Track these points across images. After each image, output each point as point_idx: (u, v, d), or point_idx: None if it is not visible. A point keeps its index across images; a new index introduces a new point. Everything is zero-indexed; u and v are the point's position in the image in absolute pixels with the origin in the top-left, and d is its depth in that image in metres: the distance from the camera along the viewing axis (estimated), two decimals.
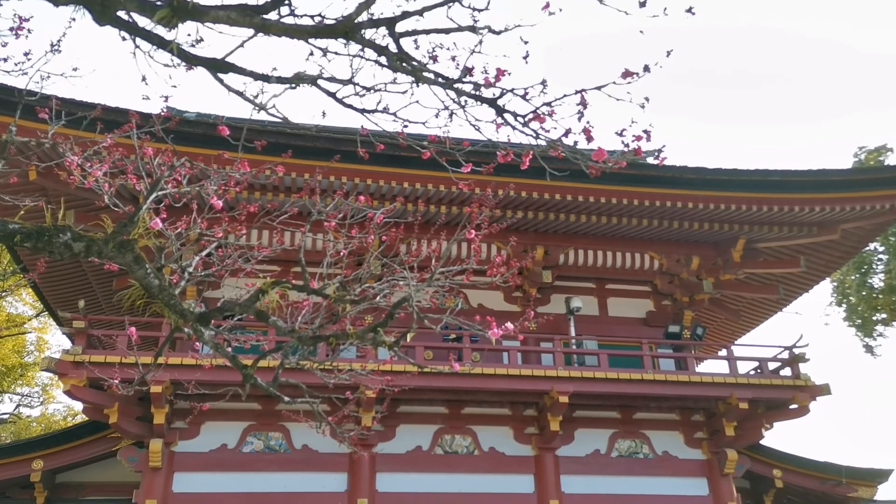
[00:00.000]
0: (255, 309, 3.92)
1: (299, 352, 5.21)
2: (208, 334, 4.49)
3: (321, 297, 4.35)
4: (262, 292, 3.85)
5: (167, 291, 3.76)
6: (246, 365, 4.52)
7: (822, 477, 15.29)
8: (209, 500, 11.92)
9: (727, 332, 17.67)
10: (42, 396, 23.62)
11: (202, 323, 4.03)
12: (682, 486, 13.47)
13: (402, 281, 4.35)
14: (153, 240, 3.94)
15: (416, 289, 3.94)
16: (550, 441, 13.14)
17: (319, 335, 4.03)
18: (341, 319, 4.34)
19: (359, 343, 4.12)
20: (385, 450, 12.77)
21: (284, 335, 4.11)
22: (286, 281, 4.00)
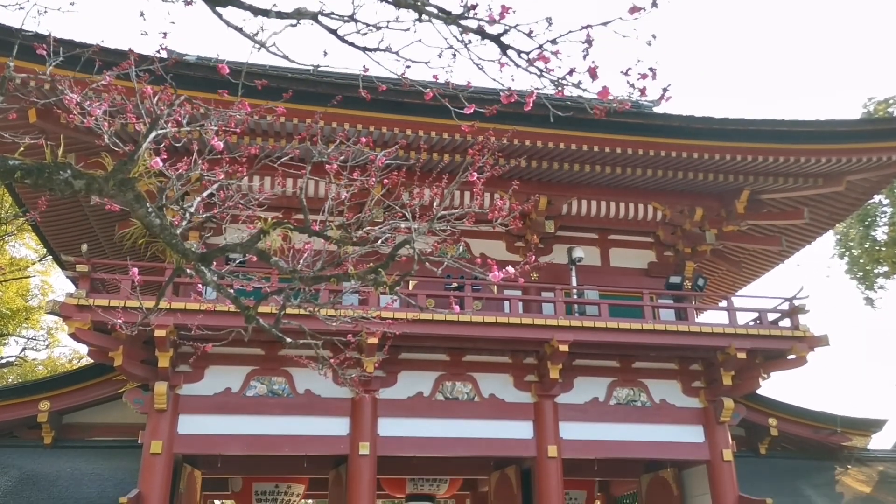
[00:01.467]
0: (257, 249, 3.92)
1: (301, 295, 5.23)
2: (210, 275, 4.50)
3: (323, 240, 4.35)
4: (263, 233, 3.84)
5: (169, 231, 3.75)
6: (248, 306, 4.54)
7: (817, 426, 15.53)
8: (214, 441, 12.15)
9: (728, 283, 17.71)
10: (47, 339, 23.90)
11: (204, 263, 4.03)
12: (678, 433, 13.69)
13: (403, 224, 4.34)
14: (153, 179, 3.91)
15: (418, 231, 3.92)
16: (550, 388, 13.30)
17: (321, 275, 4.03)
18: (343, 262, 4.34)
19: (360, 283, 4.13)
20: (386, 395, 12.94)
21: (286, 276, 4.12)
22: (287, 222, 3.99)
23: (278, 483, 16.15)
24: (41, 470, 12.39)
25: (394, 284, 3.94)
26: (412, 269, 3.95)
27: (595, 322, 13.03)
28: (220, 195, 4.61)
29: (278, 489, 16.19)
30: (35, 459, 12.72)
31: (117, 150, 4.34)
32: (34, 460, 12.69)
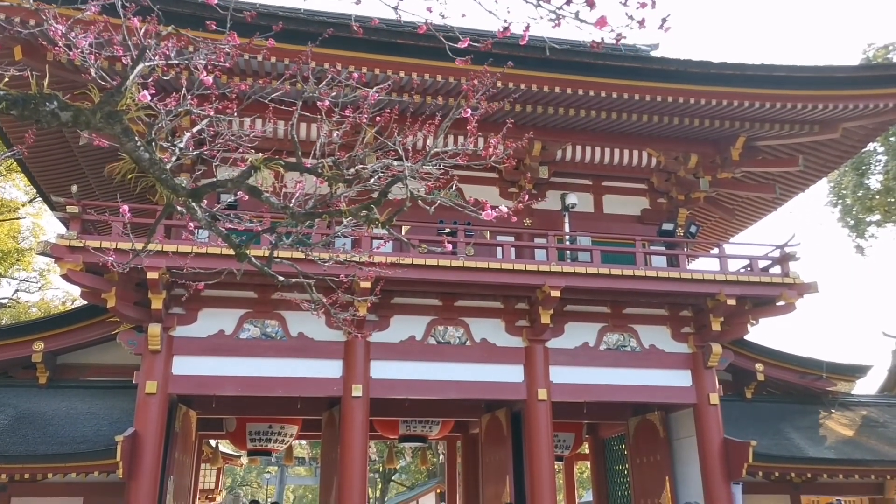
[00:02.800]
0: (248, 185, 3.88)
1: (293, 236, 5.21)
2: (202, 213, 4.46)
3: (315, 181, 4.30)
4: (254, 168, 3.80)
5: (158, 165, 3.70)
6: (240, 244, 4.52)
7: (803, 371, 15.80)
8: (208, 382, 12.27)
9: (720, 230, 17.76)
10: (40, 282, 23.89)
11: (195, 199, 3.99)
12: (666, 378, 13.90)
13: (395, 163, 4.29)
14: (141, 112, 3.83)
15: (410, 169, 3.88)
16: (541, 333, 13.43)
17: (312, 212, 4.00)
18: (335, 200, 4.31)
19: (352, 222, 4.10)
20: (379, 339, 13.05)
21: (278, 212, 4.09)
22: (278, 158, 3.94)
23: (272, 424, 16.42)
24: (37, 409, 12.53)
25: (386, 221, 3.92)
26: (404, 206, 3.92)
27: (587, 268, 13.08)
28: (209, 132, 4.53)
29: (272, 429, 16.46)
30: (30, 399, 12.84)
31: (105, 85, 4.26)
32: (29, 399, 12.81)
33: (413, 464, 38.52)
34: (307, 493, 43.40)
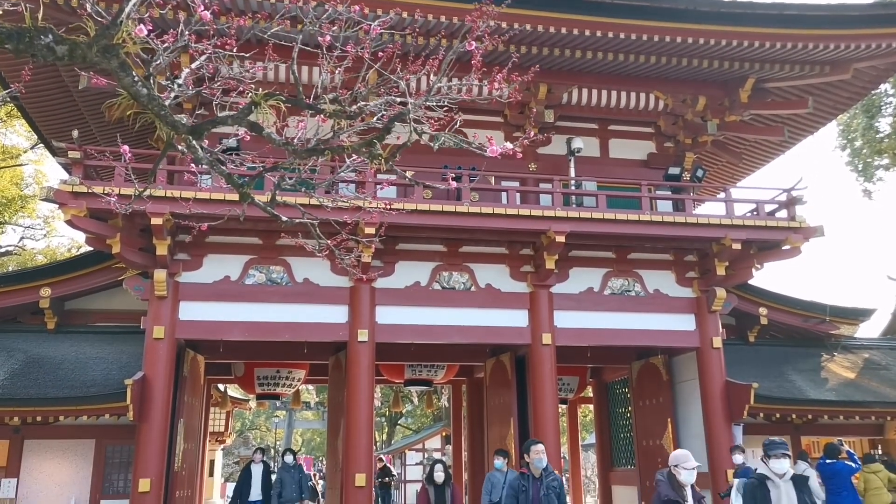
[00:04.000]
0: (249, 121, 3.81)
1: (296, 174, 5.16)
2: (203, 152, 4.41)
3: (316, 115, 4.23)
4: (254, 104, 3.73)
5: (157, 101, 3.63)
6: (243, 183, 4.47)
7: (807, 315, 15.86)
8: (214, 327, 12.38)
9: (727, 174, 17.60)
10: (45, 229, 23.96)
11: (195, 136, 3.93)
12: (670, 322, 13.96)
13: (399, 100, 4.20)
14: (138, 47, 3.74)
15: (414, 105, 3.81)
16: (545, 279, 13.45)
17: (315, 148, 3.94)
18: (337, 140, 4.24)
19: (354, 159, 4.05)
20: (384, 285, 13.09)
21: (280, 148, 4.03)
22: (279, 94, 3.86)
23: (279, 368, 16.62)
24: (46, 353, 12.68)
25: (389, 157, 3.87)
26: (407, 142, 3.86)
27: (592, 213, 13.03)
28: (209, 69, 4.43)
29: (279, 374, 16.67)
30: (39, 344, 12.99)
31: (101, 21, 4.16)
32: (39, 344, 12.96)
33: (419, 408, 39.16)
34: (315, 436, 44.29)
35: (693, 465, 5.65)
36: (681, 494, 5.52)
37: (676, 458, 5.76)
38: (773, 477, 5.95)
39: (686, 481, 5.56)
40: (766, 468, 6.04)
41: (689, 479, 5.59)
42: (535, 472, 6.99)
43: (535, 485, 6.87)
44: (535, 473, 6.99)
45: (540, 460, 6.97)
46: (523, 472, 7.06)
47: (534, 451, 7.02)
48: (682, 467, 5.59)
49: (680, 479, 5.56)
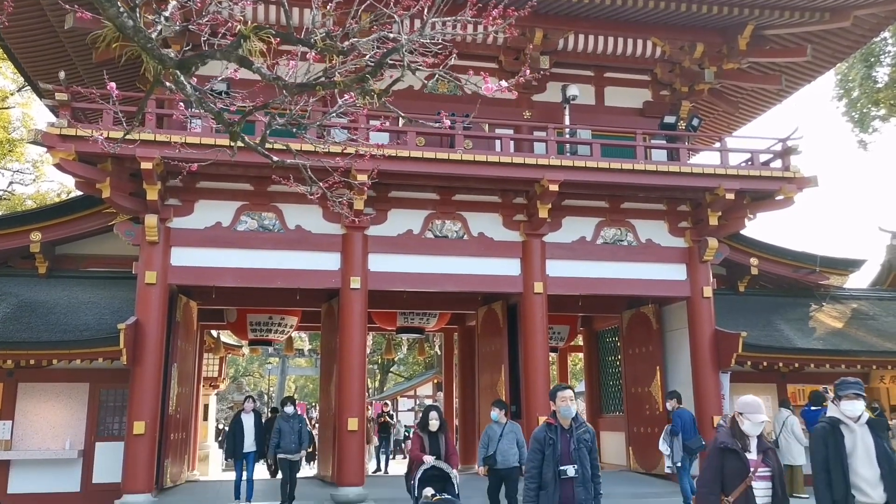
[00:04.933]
0: (238, 55, 3.71)
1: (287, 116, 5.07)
2: (191, 89, 4.31)
3: (308, 50, 4.13)
4: (242, 37, 3.63)
5: (143, 34, 3.53)
6: (233, 122, 4.39)
7: (797, 265, 15.94)
8: (206, 273, 12.36)
9: (723, 124, 17.49)
10: (34, 173, 23.70)
11: (183, 70, 3.84)
12: (661, 271, 14.02)
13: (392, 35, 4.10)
14: None
15: (408, 39, 3.71)
16: (538, 228, 13.44)
17: (306, 83, 3.86)
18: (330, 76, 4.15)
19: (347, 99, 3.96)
20: (377, 232, 13.05)
21: (270, 83, 3.94)
22: (269, 27, 3.75)
23: (272, 315, 16.68)
24: (38, 298, 12.66)
25: (381, 94, 3.79)
26: (401, 77, 3.78)
27: (586, 162, 12.94)
28: (196, 2, 4.30)
29: (272, 320, 16.74)
30: (31, 288, 12.96)
31: None
32: (30, 289, 12.93)
33: (411, 355, 39.58)
34: (308, 383, 44.81)
35: (761, 420, 4.99)
36: (742, 443, 4.93)
37: (744, 405, 5.06)
38: (846, 420, 5.18)
39: (749, 432, 4.97)
40: (837, 411, 5.25)
41: (753, 431, 4.98)
42: (564, 422, 5.85)
43: (563, 437, 5.78)
44: (563, 424, 5.85)
45: (568, 408, 5.85)
46: (550, 422, 5.91)
47: (560, 397, 5.90)
48: (747, 417, 4.96)
49: (743, 428, 4.97)
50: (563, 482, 5.66)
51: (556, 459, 5.68)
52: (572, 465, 5.66)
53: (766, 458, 4.96)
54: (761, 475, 4.88)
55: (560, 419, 5.85)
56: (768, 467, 4.92)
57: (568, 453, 5.71)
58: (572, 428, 5.85)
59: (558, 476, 5.65)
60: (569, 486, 5.67)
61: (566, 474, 5.66)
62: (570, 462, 5.69)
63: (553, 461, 5.68)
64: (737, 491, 4.80)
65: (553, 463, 5.68)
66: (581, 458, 5.73)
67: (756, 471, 4.85)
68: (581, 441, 5.81)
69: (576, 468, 5.67)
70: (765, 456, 4.96)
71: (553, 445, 5.72)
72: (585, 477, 5.72)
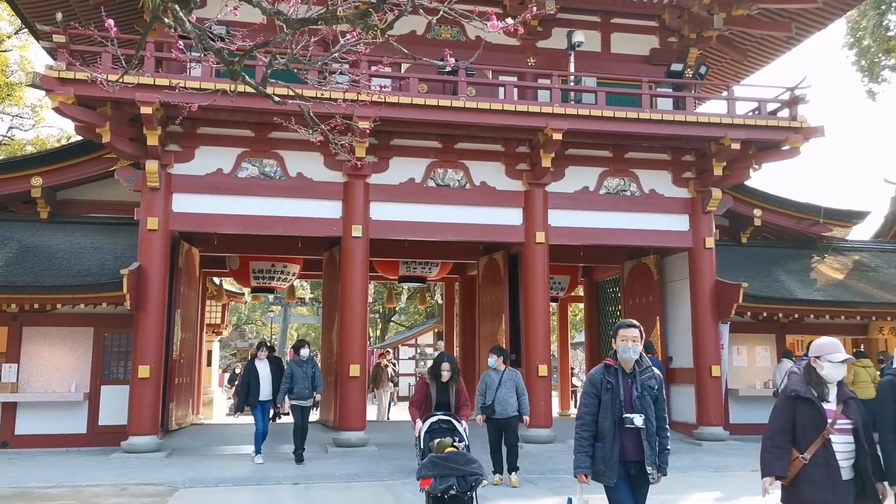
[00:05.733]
0: None
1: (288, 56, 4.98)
2: (191, 26, 4.23)
3: None
4: None
5: None
6: (233, 60, 4.31)
7: (801, 216, 15.90)
8: (208, 220, 12.34)
9: (731, 72, 17.19)
10: (33, 118, 23.49)
11: (182, 5, 3.75)
12: (664, 222, 13.98)
13: None
14: None
15: None
16: (541, 177, 13.36)
17: (306, 18, 3.77)
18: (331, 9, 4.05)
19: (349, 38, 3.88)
20: (378, 181, 12.99)
21: (270, 17, 3.86)
22: None
23: (274, 262, 16.74)
24: (40, 243, 12.68)
25: (385, 28, 3.71)
26: (405, 11, 3.69)
27: (591, 110, 12.79)
28: None
29: (274, 268, 16.80)
30: (33, 233, 12.97)
31: None
32: (33, 234, 12.94)
33: (412, 305, 39.83)
34: (310, 331, 45.22)
35: (842, 358, 4.38)
36: (819, 391, 4.34)
37: (820, 347, 4.46)
38: None
39: (829, 377, 4.37)
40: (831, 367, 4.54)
41: (834, 376, 4.37)
42: (626, 365, 5.01)
43: (624, 381, 4.97)
44: (624, 367, 5.02)
45: (628, 350, 4.97)
46: (608, 363, 5.09)
47: (622, 336, 5.02)
48: (826, 359, 4.37)
49: (821, 373, 4.38)
50: (625, 433, 4.86)
51: (616, 406, 4.89)
52: (638, 414, 4.87)
53: (846, 408, 4.33)
54: (841, 428, 4.27)
55: (621, 361, 5.01)
56: (849, 419, 4.30)
57: (630, 400, 4.92)
58: (635, 372, 5.01)
59: (619, 426, 4.85)
60: (631, 439, 4.88)
61: (631, 423, 4.85)
62: (633, 410, 4.89)
63: (612, 408, 4.89)
64: (813, 446, 4.21)
65: (612, 410, 4.89)
66: (645, 407, 4.91)
67: (835, 423, 4.25)
68: (646, 388, 4.98)
69: (643, 418, 4.88)
70: (845, 406, 4.33)
71: (612, 390, 4.93)
72: (651, 429, 4.90)
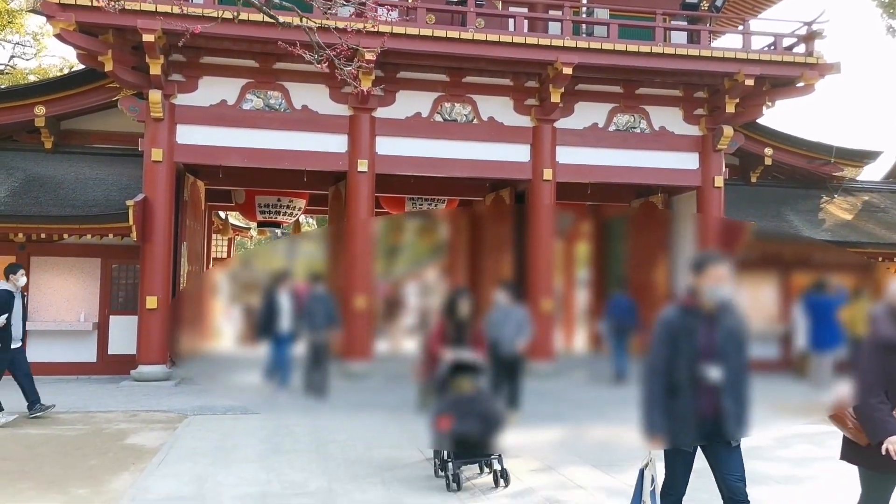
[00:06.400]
0: None
1: None
2: None
3: None
4: None
5: None
6: None
7: (812, 156, 15.70)
8: (213, 152, 12.26)
9: (747, 5, 16.71)
10: (35, 47, 23.12)
11: None
12: (674, 160, 13.84)
13: None
14: None
15: None
16: (550, 113, 13.17)
17: None
18: None
19: None
20: (384, 115, 12.84)
21: None
22: None
23: (280, 197, 16.68)
24: (45, 173, 12.63)
25: None
26: None
27: (602, 44, 12.51)
28: None
29: (280, 202, 16.76)
30: (38, 163, 12.91)
31: None
32: (37, 163, 12.89)
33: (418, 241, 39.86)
34: None
35: None
36: None
37: None
38: None
39: None
40: None
41: None
42: (709, 304, 4.03)
43: (706, 326, 4.02)
44: (707, 308, 4.03)
45: (718, 288, 3.98)
46: (687, 303, 4.10)
47: (712, 272, 3.99)
48: None
49: None
50: (703, 388, 3.99)
51: (694, 356, 3.99)
52: (719, 367, 3.99)
53: None
54: None
55: (705, 301, 4.01)
56: None
57: (712, 348, 4.00)
58: (719, 315, 4.03)
59: (696, 379, 3.99)
60: (711, 395, 4.00)
61: (711, 377, 3.98)
62: (713, 361, 3.99)
63: (690, 358, 4.00)
64: None
65: (690, 360, 4.00)
66: (729, 357, 4.01)
67: None
68: (730, 334, 4.04)
69: (724, 371, 3.99)
70: None
71: (691, 336, 4.01)
72: (735, 383, 4.02)
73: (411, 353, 11.89)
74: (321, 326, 11.21)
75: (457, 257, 18.98)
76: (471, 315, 8.13)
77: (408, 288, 19.49)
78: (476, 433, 5.98)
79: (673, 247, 16.00)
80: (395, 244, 20.04)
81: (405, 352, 15.00)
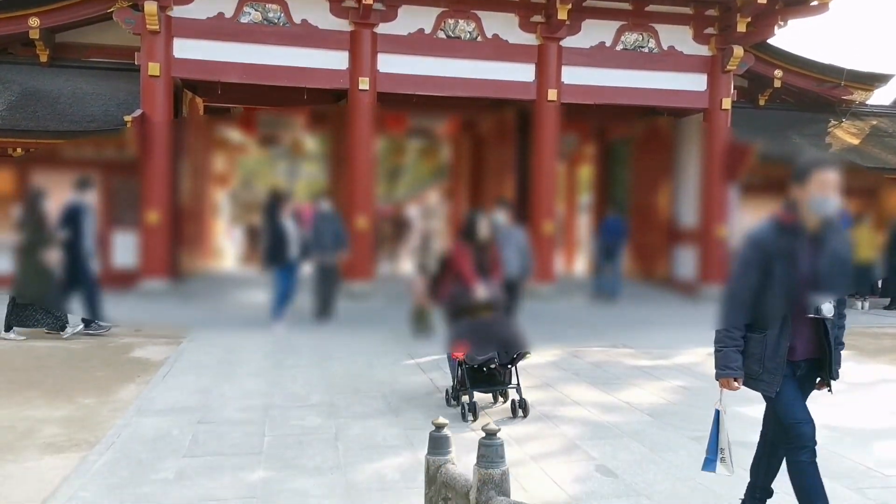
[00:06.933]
0: None
1: None
2: None
3: None
4: None
5: None
6: None
7: (822, 79, 15.40)
8: (210, 67, 12.02)
9: None
10: None
11: None
12: (681, 81, 13.56)
13: None
14: None
15: None
16: (556, 31, 12.84)
17: None
18: None
19: None
20: (386, 31, 12.52)
21: None
22: None
23: (280, 114, 16.45)
24: (42, 87, 12.44)
25: None
26: None
27: None
28: None
29: (280, 120, 16.55)
30: (34, 76, 12.69)
31: None
32: (33, 77, 12.67)
33: (419, 163, 39.58)
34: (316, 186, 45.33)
35: None
36: None
37: None
38: None
39: None
40: None
41: None
42: (813, 221, 3.22)
43: (808, 247, 3.21)
44: (810, 224, 3.22)
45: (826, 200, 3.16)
46: (784, 219, 3.27)
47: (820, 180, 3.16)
48: None
49: None
50: (802, 322, 3.28)
51: (794, 283, 3.20)
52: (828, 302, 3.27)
53: None
54: None
55: (808, 216, 3.21)
56: None
57: (814, 274, 3.22)
58: (824, 232, 3.24)
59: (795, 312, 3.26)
60: (812, 329, 3.30)
61: (818, 312, 3.26)
62: (818, 290, 3.24)
63: (787, 284, 3.21)
64: None
65: (788, 288, 3.21)
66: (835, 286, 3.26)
67: None
68: (836, 257, 3.25)
69: (833, 305, 3.27)
70: None
71: (789, 258, 3.21)
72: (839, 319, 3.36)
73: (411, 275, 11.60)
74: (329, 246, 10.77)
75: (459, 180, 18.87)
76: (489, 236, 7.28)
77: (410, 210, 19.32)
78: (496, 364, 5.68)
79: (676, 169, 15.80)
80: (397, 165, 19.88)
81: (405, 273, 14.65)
